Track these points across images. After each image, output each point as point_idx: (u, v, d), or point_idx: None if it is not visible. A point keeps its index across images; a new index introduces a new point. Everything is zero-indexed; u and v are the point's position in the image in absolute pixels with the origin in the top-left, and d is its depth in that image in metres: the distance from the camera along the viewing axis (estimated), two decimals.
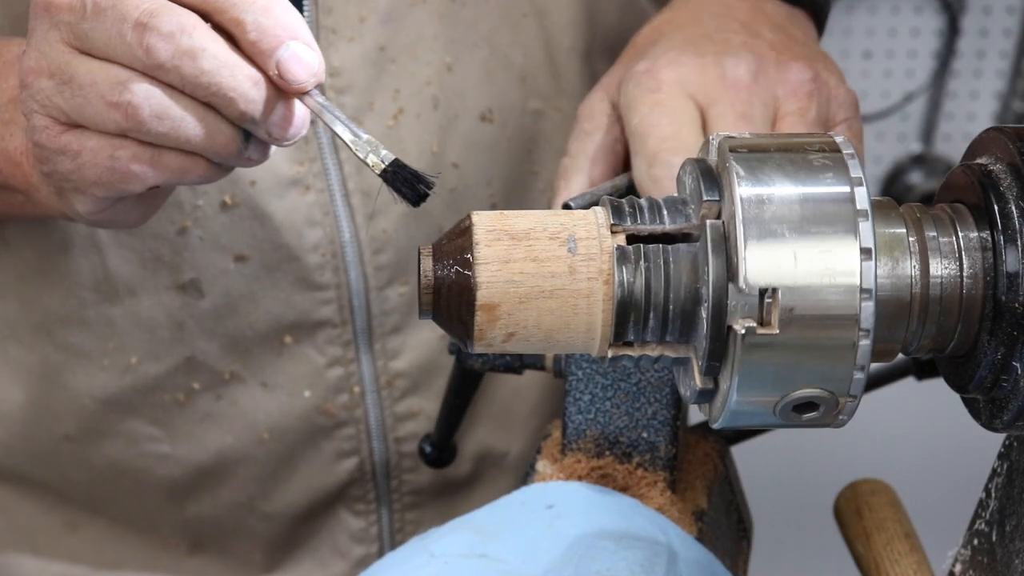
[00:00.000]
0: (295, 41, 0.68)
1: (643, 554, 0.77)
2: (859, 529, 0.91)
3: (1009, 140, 0.60)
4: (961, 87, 2.73)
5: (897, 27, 2.68)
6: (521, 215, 0.61)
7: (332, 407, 1.03)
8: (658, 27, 0.88)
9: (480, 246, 0.59)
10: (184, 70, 0.67)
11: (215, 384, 1.02)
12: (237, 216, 0.96)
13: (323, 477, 1.06)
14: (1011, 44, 2.69)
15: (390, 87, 0.96)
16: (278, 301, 0.99)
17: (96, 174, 0.71)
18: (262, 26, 0.68)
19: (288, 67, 0.68)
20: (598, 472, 0.85)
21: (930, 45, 2.68)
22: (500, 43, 0.99)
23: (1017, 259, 0.58)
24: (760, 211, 0.57)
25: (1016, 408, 0.59)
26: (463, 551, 0.78)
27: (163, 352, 1.00)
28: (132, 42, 0.67)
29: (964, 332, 0.60)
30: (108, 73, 0.68)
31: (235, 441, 1.04)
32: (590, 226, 0.60)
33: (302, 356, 1.02)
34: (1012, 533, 0.66)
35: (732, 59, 0.81)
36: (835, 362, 0.58)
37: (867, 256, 0.57)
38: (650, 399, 0.85)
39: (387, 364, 1.02)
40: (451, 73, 0.97)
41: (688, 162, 0.62)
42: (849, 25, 2.67)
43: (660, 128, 0.79)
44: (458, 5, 0.97)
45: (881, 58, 2.70)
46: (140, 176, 0.71)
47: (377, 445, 1.05)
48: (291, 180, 0.95)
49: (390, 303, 1.01)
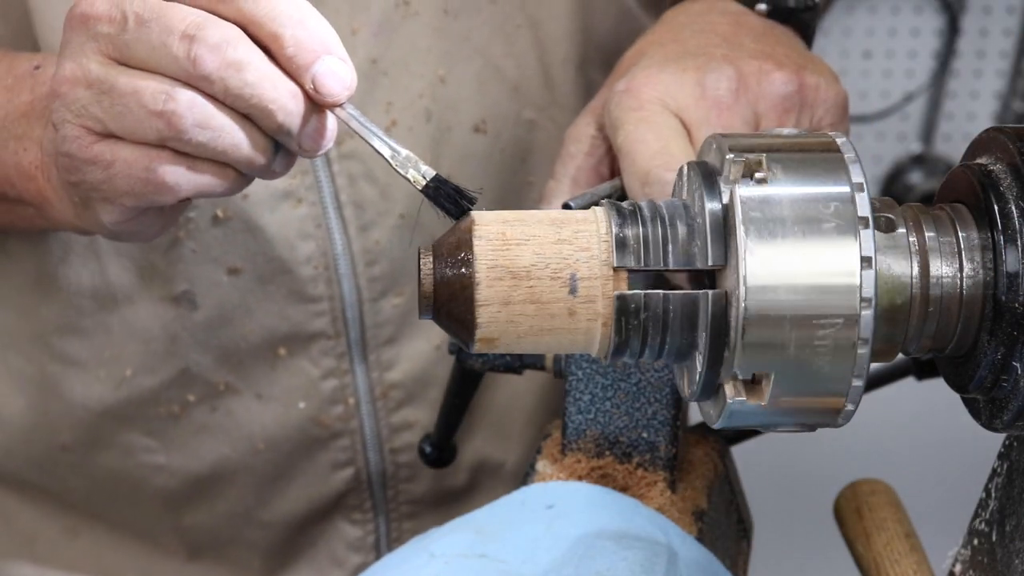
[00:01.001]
0: (330, 56, 0.69)
1: (643, 554, 0.77)
2: (859, 529, 0.91)
3: (1009, 140, 0.60)
4: (961, 87, 2.73)
5: (897, 27, 2.68)
6: (522, 222, 0.61)
7: (327, 418, 1.03)
8: (640, 48, 0.88)
9: (481, 286, 0.60)
10: (229, 81, 0.68)
11: (210, 396, 1.02)
12: (230, 229, 0.96)
13: (319, 487, 1.06)
14: (1011, 44, 2.69)
15: (382, 100, 0.96)
16: (271, 313, 0.99)
17: (129, 184, 0.72)
18: (300, 40, 0.69)
19: (324, 81, 0.69)
20: (598, 472, 0.85)
21: (930, 45, 2.68)
22: (494, 54, 0.99)
23: (1017, 259, 0.58)
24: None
25: (1016, 408, 0.59)
26: (463, 551, 0.78)
27: (158, 364, 1.00)
28: (179, 53, 0.68)
29: (964, 332, 0.60)
30: (151, 83, 0.69)
31: (231, 452, 1.04)
32: (592, 262, 0.60)
33: (296, 368, 1.02)
34: (1012, 533, 0.66)
35: (713, 75, 0.80)
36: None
37: (867, 265, 0.57)
38: (650, 399, 0.85)
39: (382, 375, 1.03)
40: (444, 85, 0.97)
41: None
42: (849, 25, 2.67)
43: (647, 144, 0.78)
44: (451, 17, 0.97)
45: (881, 58, 2.70)
46: (174, 187, 0.72)
47: (373, 456, 1.05)
48: (283, 193, 0.96)
49: (384, 315, 1.01)
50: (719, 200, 0.59)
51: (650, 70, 0.82)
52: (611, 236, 0.60)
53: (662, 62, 0.82)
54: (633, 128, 0.80)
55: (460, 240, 0.61)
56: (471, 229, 0.61)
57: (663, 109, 0.80)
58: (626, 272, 0.60)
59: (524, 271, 0.60)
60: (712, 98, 0.80)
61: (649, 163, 0.78)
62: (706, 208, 0.59)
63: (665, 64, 0.82)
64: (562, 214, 0.62)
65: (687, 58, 0.82)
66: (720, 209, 0.59)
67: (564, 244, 0.60)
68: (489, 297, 0.60)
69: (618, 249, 0.60)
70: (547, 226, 0.60)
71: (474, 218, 0.62)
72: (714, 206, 0.59)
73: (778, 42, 0.86)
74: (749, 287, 0.57)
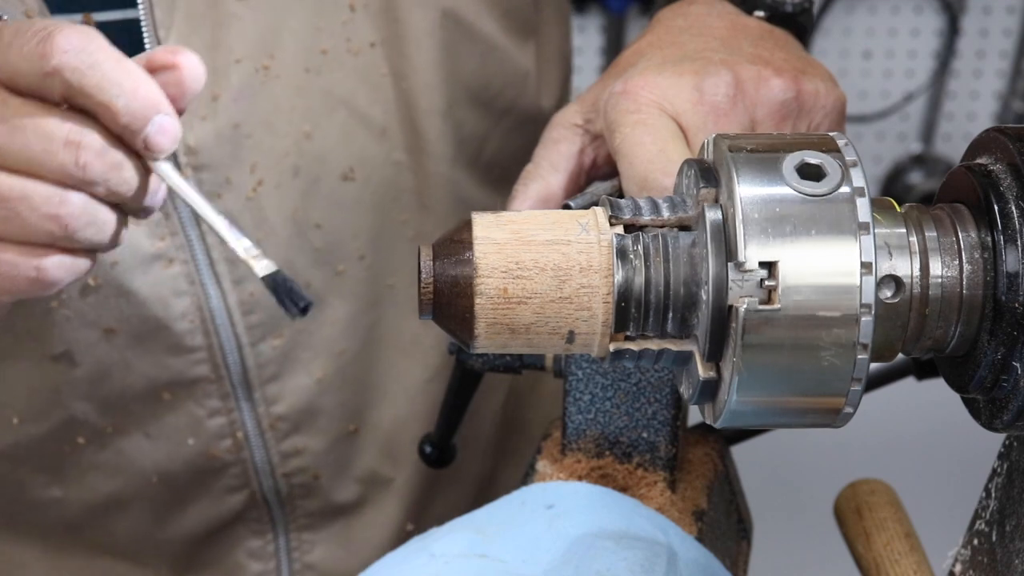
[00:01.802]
0: (159, 115, 0.71)
1: (643, 554, 0.77)
2: (859, 529, 0.91)
3: (1009, 140, 0.60)
4: (961, 87, 2.73)
5: (897, 27, 2.68)
6: (522, 272, 0.60)
7: (217, 451, 1.05)
8: (639, 48, 0.87)
9: (479, 320, 0.60)
10: (112, 182, 0.71)
11: (99, 437, 1.03)
12: (102, 296, 0.97)
13: (217, 508, 1.08)
14: (1011, 44, 2.70)
15: (247, 161, 0.96)
16: (151, 365, 1.00)
17: (13, 285, 0.73)
18: (133, 110, 0.70)
19: (154, 140, 0.71)
20: (598, 472, 0.85)
21: (930, 45, 2.68)
22: (359, 104, 0.99)
23: (1017, 259, 0.58)
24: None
25: (1016, 408, 0.59)
26: (463, 551, 0.78)
27: (43, 414, 1.01)
28: (66, 160, 0.69)
29: (964, 332, 0.60)
30: (39, 187, 0.70)
31: (125, 485, 1.06)
32: (593, 322, 0.60)
33: (182, 409, 1.03)
34: (1012, 533, 0.66)
35: (711, 80, 0.80)
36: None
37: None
38: (650, 399, 0.85)
39: (268, 409, 1.04)
40: (310, 140, 0.98)
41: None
42: (849, 25, 2.67)
43: (644, 147, 0.78)
44: (313, 74, 0.97)
45: (881, 58, 2.70)
46: (60, 281, 0.73)
47: (266, 481, 1.07)
48: (153, 255, 0.96)
49: (265, 356, 1.02)
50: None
51: (647, 72, 0.81)
52: (613, 297, 0.60)
53: (660, 64, 0.82)
54: (630, 131, 0.79)
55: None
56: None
57: (660, 112, 0.80)
58: (623, 335, 0.61)
59: (523, 327, 0.61)
60: (709, 103, 0.80)
61: (647, 168, 0.77)
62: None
63: (663, 67, 0.82)
64: (564, 260, 0.61)
65: (685, 62, 0.82)
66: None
67: (565, 303, 0.60)
68: (484, 333, 0.61)
69: (618, 317, 0.60)
70: (550, 279, 0.60)
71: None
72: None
73: (776, 46, 0.86)
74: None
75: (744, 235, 0.57)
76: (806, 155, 0.58)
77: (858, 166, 0.59)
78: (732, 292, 0.57)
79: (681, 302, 0.60)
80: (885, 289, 0.59)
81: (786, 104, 0.81)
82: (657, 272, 0.60)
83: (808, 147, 0.60)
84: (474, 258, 0.60)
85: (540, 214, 0.62)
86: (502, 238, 0.60)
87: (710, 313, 0.58)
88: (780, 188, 0.58)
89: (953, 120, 2.74)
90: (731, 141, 0.60)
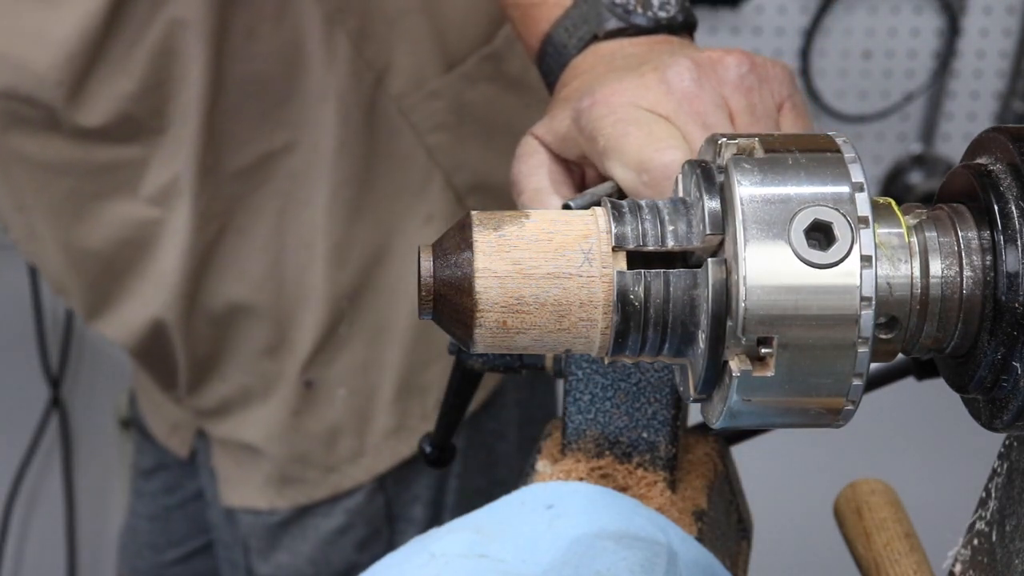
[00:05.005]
0: None
1: (643, 554, 0.77)
2: (859, 529, 0.91)
3: (1009, 140, 0.60)
4: (961, 87, 2.73)
5: (897, 27, 2.68)
6: (522, 307, 0.60)
7: None
8: (579, 75, 0.87)
9: (478, 345, 0.61)
10: None
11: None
12: None
13: None
14: (1011, 44, 2.69)
15: None
16: None
17: None
18: None
19: None
20: (598, 472, 0.85)
21: (930, 45, 2.68)
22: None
23: (1017, 259, 0.58)
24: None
25: (1016, 408, 0.59)
26: (463, 551, 0.78)
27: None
28: None
29: (964, 332, 0.60)
30: None
31: None
32: (591, 347, 0.61)
33: None
34: (1012, 533, 0.66)
35: (672, 70, 0.80)
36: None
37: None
38: (650, 399, 0.85)
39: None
40: None
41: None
42: (849, 25, 2.67)
43: (631, 136, 0.78)
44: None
45: (881, 58, 2.70)
46: None
47: None
48: None
49: None
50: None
51: (609, 83, 0.82)
52: (611, 332, 0.60)
53: (619, 74, 0.82)
54: (612, 129, 0.79)
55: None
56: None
57: (637, 108, 0.80)
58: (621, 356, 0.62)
59: (521, 348, 0.61)
60: (679, 91, 0.80)
61: (640, 152, 0.77)
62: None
63: (623, 75, 0.82)
64: (565, 295, 0.61)
65: (638, 67, 0.82)
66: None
67: (564, 333, 0.61)
68: (483, 336, 0.61)
69: (616, 345, 0.61)
70: (550, 313, 0.60)
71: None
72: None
73: (690, 46, 0.87)
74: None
75: (744, 314, 0.57)
76: (818, 212, 0.58)
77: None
78: (728, 349, 0.58)
79: (679, 339, 0.60)
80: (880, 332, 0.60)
81: (745, 77, 0.81)
82: (656, 312, 0.60)
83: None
84: (475, 292, 0.60)
85: (544, 235, 0.61)
86: (503, 270, 0.60)
87: (705, 363, 0.59)
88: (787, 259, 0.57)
89: (953, 120, 2.74)
90: (740, 171, 0.59)
